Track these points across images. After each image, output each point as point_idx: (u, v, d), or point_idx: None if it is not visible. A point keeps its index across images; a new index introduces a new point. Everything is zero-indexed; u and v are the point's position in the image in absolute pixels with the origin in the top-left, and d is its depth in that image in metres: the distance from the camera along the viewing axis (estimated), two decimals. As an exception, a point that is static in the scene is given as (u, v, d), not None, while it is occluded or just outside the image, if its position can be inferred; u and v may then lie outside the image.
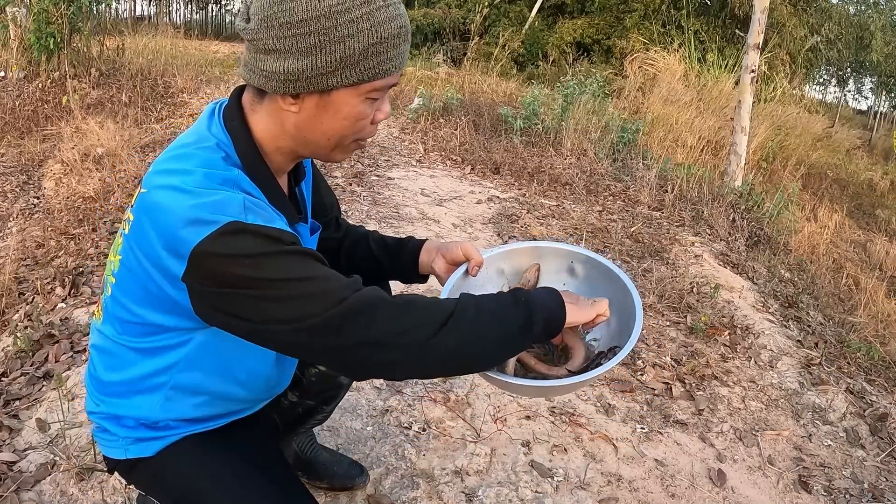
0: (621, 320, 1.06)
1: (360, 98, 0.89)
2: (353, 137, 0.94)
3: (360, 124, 0.92)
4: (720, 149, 6.63)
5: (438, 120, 6.02)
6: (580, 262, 1.18)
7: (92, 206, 3.23)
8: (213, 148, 0.90)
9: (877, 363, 2.76)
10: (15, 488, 1.50)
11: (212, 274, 0.81)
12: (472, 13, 13.13)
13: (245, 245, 0.80)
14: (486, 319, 0.88)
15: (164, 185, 0.84)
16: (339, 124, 0.91)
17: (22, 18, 5.71)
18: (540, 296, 0.96)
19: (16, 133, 4.68)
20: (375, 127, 0.96)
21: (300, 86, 0.87)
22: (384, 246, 1.25)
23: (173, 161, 0.88)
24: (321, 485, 1.58)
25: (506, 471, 1.75)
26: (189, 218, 0.80)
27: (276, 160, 0.97)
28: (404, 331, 0.84)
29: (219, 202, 0.82)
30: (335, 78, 0.86)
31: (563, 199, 4.33)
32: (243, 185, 0.88)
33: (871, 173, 9.91)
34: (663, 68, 8.32)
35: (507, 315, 0.90)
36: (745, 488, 1.86)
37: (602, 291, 1.10)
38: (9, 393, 1.88)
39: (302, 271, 0.83)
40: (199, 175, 0.85)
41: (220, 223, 0.79)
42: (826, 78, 18.93)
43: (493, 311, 0.90)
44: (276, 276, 0.81)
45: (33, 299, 2.42)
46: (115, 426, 1.01)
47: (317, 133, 0.92)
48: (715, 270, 3.41)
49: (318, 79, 0.86)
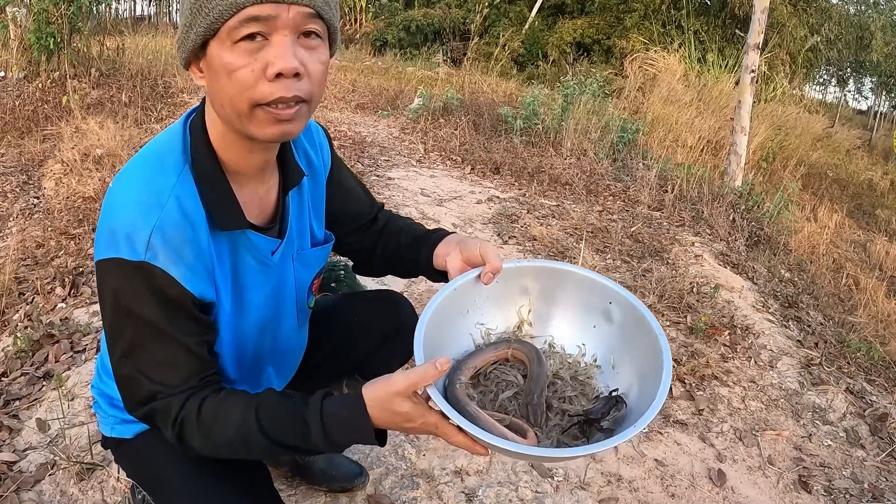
0: (643, 387, 0.92)
1: (225, 47, 0.78)
2: (247, 100, 0.80)
3: (239, 80, 0.79)
4: (720, 149, 6.62)
5: (438, 120, 6.02)
6: (619, 304, 0.99)
7: (92, 206, 3.23)
8: (171, 149, 0.89)
9: (877, 363, 2.76)
10: (15, 488, 1.50)
11: (99, 285, 0.87)
12: (472, 13, 13.13)
13: (126, 285, 0.83)
14: (259, 449, 0.89)
15: (112, 186, 0.87)
16: (220, 83, 0.81)
17: (22, 18, 5.70)
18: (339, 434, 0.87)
19: (16, 133, 4.68)
20: (279, 85, 0.79)
21: (183, 52, 0.83)
22: (412, 241, 1.16)
23: (135, 160, 0.90)
24: (321, 486, 1.58)
25: (506, 471, 1.75)
26: (110, 228, 0.83)
27: (232, 156, 0.90)
28: (181, 446, 0.89)
29: (129, 230, 0.82)
30: (193, 31, 0.80)
31: (563, 199, 4.33)
32: (181, 194, 0.86)
33: (871, 173, 9.90)
34: (663, 68, 8.31)
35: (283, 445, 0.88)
36: (745, 488, 1.86)
37: (633, 345, 0.97)
38: (9, 393, 1.88)
39: (149, 344, 0.85)
40: (138, 185, 0.86)
41: (119, 254, 0.82)
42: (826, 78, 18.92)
43: (266, 447, 0.88)
44: (126, 333, 0.86)
45: (33, 299, 2.42)
46: (106, 404, 1.09)
47: (216, 101, 0.84)
48: (715, 270, 3.41)
49: (185, 40, 0.82)
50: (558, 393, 0.99)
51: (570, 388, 0.99)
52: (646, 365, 0.93)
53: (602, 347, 1.02)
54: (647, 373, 0.92)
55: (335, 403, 0.87)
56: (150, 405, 0.87)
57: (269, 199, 0.99)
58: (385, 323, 1.29)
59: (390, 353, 1.31)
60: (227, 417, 0.86)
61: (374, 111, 6.57)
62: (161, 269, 0.82)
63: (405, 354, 1.36)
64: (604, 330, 1.01)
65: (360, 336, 1.29)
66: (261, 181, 0.97)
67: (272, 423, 0.86)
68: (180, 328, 0.85)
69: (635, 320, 0.97)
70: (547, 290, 1.04)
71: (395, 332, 1.29)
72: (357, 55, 11.60)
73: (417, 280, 2.78)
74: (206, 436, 0.87)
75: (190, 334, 0.87)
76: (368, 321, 1.29)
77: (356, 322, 1.30)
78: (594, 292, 1.01)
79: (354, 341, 1.30)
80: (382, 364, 1.32)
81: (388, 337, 1.28)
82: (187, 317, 0.86)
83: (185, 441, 0.88)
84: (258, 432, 0.86)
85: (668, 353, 0.90)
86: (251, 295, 0.99)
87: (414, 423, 0.84)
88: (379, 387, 0.85)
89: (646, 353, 0.94)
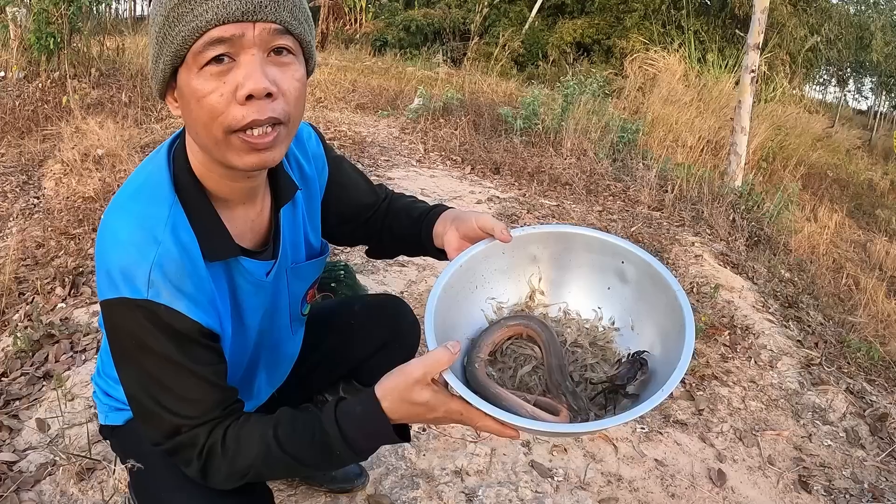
0: (667, 345, 0.90)
1: (192, 74, 0.76)
2: (220, 127, 0.76)
3: (209, 106, 0.75)
4: (720, 149, 6.62)
5: (438, 120, 6.02)
6: (632, 263, 0.96)
7: (92, 206, 3.23)
8: (159, 182, 0.86)
9: (877, 363, 2.76)
10: (15, 488, 1.50)
11: (106, 325, 0.85)
12: (472, 13, 13.14)
13: (134, 325, 0.81)
14: (280, 470, 0.88)
15: (104, 222, 0.85)
16: (192, 112, 0.78)
17: (22, 18, 5.70)
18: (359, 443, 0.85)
19: (16, 133, 4.68)
20: (252, 108, 0.75)
21: (155, 84, 0.82)
22: (411, 222, 1.13)
23: (125, 194, 0.87)
24: (321, 486, 1.58)
25: (506, 471, 1.75)
26: (107, 269, 0.82)
27: (215, 185, 0.88)
28: (204, 479, 0.87)
29: (128, 269, 0.80)
30: (161, 61, 0.78)
31: (563, 199, 4.33)
32: (174, 226, 0.84)
33: (871, 173, 9.91)
34: (663, 68, 8.31)
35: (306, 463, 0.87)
36: (745, 488, 1.86)
37: (651, 303, 0.94)
38: (9, 393, 1.88)
39: (166, 379, 0.83)
40: (130, 222, 0.83)
41: (121, 294, 0.80)
42: (826, 78, 18.91)
43: (289, 465, 0.86)
44: (140, 371, 0.84)
45: (33, 299, 2.42)
46: (102, 394, 1.11)
47: (192, 131, 0.82)
48: (715, 270, 3.41)
49: (154, 71, 0.80)
50: (579, 362, 0.96)
51: (589, 354, 0.97)
52: (667, 322, 0.90)
53: (619, 309, 0.99)
54: (669, 330, 0.89)
55: (349, 403, 0.85)
56: (175, 438, 0.85)
57: (262, 219, 0.97)
58: (384, 328, 1.28)
59: (388, 358, 1.30)
60: (248, 440, 0.85)
61: (374, 111, 6.57)
62: (165, 304, 0.80)
63: (404, 360, 1.35)
64: (619, 291, 0.98)
65: (357, 341, 1.28)
66: (251, 205, 0.94)
67: (291, 438, 0.84)
68: (194, 359, 0.83)
69: (650, 278, 0.94)
70: (556, 255, 1.01)
71: (394, 337, 1.28)
72: (357, 55, 11.59)
73: (417, 280, 2.78)
74: (230, 462, 0.85)
75: (204, 364, 0.85)
76: (367, 326, 1.28)
77: (354, 327, 1.28)
78: (605, 253, 0.98)
79: (352, 346, 1.29)
80: (380, 370, 1.31)
81: (387, 343, 1.27)
82: (199, 347, 0.84)
83: (210, 472, 0.86)
84: (278, 449, 0.84)
85: (689, 307, 0.87)
86: (249, 315, 0.98)
87: (437, 412, 0.81)
88: (394, 378, 0.82)
89: (665, 310, 0.90)
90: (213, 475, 0.86)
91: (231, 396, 0.89)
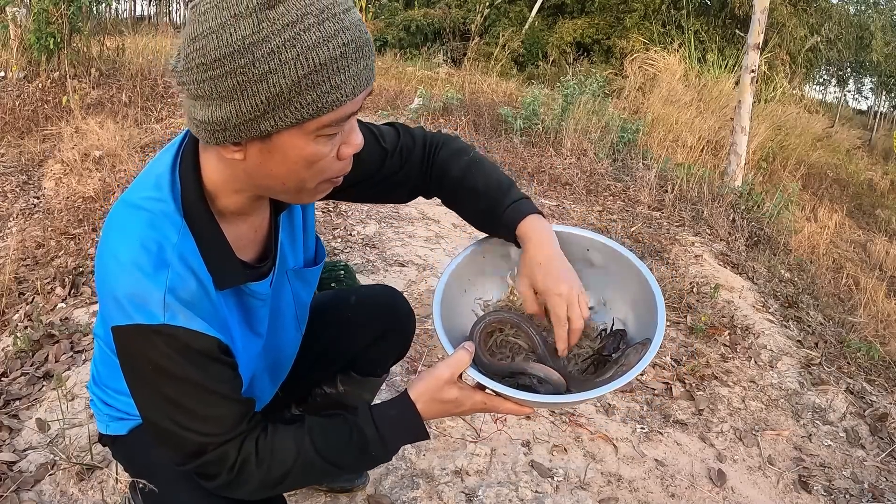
0: (639, 314, 1.02)
1: (308, 138, 0.75)
2: (318, 180, 0.80)
3: (319, 166, 0.78)
4: (720, 149, 6.62)
5: (438, 120, 6.02)
6: (597, 249, 1.08)
7: (92, 206, 3.23)
8: (162, 199, 0.83)
9: (877, 363, 2.76)
10: (15, 488, 1.51)
11: (119, 351, 0.83)
12: (472, 13, 13.12)
13: (150, 351, 0.79)
14: (316, 475, 0.90)
15: (105, 245, 0.82)
16: (291, 169, 0.78)
17: (22, 18, 5.71)
18: (395, 435, 0.90)
19: (16, 133, 4.68)
20: (347, 162, 0.82)
21: (229, 135, 0.74)
22: (486, 214, 1.08)
23: (125, 213, 0.84)
24: (321, 486, 1.58)
25: (506, 471, 1.75)
26: (114, 295, 0.79)
27: (232, 204, 0.86)
28: (231, 492, 0.88)
29: (140, 295, 0.78)
30: (267, 122, 0.72)
31: (563, 199, 4.33)
32: (183, 252, 0.81)
33: (871, 173, 9.91)
34: (663, 68, 8.31)
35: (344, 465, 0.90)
36: (745, 488, 1.86)
37: (618, 281, 1.06)
38: (9, 393, 1.88)
39: (188, 402, 0.82)
40: (136, 245, 0.80)
41: (134, 321, 0.78)
42: (826, 78, 18.90)
43: (324, 469, 0.89)
44: (159, 395, 0.82)
45: (33, 299, 2.42)
46: (100, 402, 1.10)
47: (270, 179, 0.80)
48: (715, 270, 3.41)
49: (247, 126, 0.73)
50: None
51: None
52: (636, 293, 1.03)
53: (591, 291, 1.08)
54: (638, 299, 1.03)
55: (382, 406, 0.91)
56: (202, 458, 0.84)
57: (262, 227, 0.97)
58: (380, 319, 1.29)
59: (386, 348, 1.32)
60: (282, 448, 0.86)
61: (374, 111, 6.57)
62: (182, 326, 0.79)
63: (400, 350, 1.36)
64: (588, 275, 1.07)
65: (355, 332, 1.29)
66: (256, 215, 0.94)
67: (326, 441, 0.88)
68: (214, 378, 0.83)
69: (614, 260, 1.07)
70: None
71: (392, 328, 1.29)
72: (357, 55, 11.56)
73: (417, 280, 2.78)
74: (266, 472, 0.85)
75: (224, 381, 0.84)
76: (363, 318, 1.28)
77: (351, 319, 1.29)
78: (571, 244, 1.07)
79: (349, 338, 1.29)
80: (377, 360, 1.33)
81: (384, 333, 1.28)
82: (218, 364, 0.84)
83: (239, 485, 0.86)
84: (314, 454, 0.87)
85: (652, 277, 1.02)
86: (258, 327, 0.99)
87: (464, 406, 0.91)
88: (425, 381, 0.90)
89: (631, 284, 1.04)
90: (242, 487, 0.86)
91: (251, 407, 0.89)
